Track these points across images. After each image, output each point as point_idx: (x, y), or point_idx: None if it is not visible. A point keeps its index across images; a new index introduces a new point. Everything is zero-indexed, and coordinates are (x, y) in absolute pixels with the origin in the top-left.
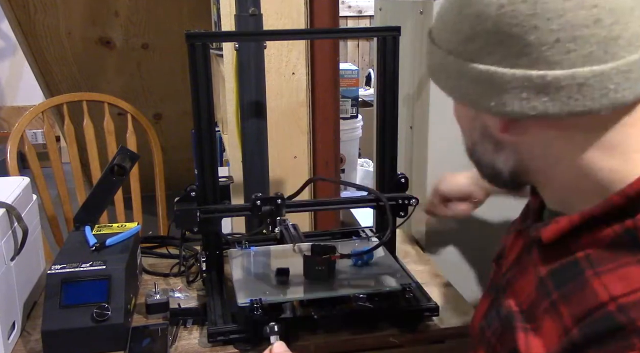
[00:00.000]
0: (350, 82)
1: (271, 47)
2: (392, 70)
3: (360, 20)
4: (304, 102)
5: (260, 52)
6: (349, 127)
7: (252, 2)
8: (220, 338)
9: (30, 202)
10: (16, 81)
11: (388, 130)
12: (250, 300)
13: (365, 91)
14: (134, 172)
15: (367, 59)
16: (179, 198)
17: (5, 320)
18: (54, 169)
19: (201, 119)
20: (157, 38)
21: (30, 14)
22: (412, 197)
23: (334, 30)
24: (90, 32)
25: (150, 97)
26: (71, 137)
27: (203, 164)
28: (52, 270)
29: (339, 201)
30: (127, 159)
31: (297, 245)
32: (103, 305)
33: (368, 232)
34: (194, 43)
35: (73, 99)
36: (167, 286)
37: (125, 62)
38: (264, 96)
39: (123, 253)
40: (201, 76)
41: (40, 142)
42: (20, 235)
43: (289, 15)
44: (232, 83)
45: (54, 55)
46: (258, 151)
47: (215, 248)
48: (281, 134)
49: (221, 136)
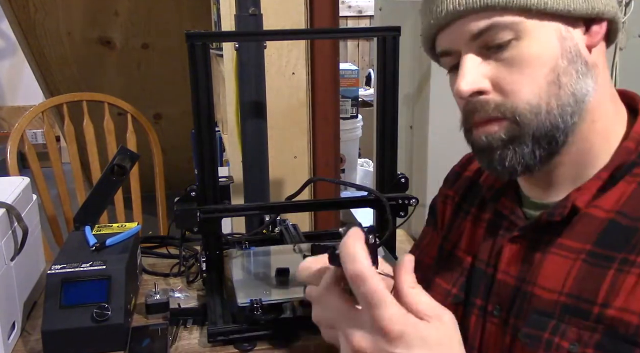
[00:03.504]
0: (350, 82)
1: (271, 47)
2: (392, 70)
3: (360, 20)
4: (304, 102)
5: (260, 52)
6: (349, 127)
7: (252, 2)
8: (220, 338)
9: (30, 202)
10: (16, 81)
11: (388, 130)
12: (250, 300)
13: (365, 91)
14: (134, 172)
15: (367, 59)
16: (179, 199)
17: (5, 320)
18: (54, 169)
19: (201, 119)
20: (157, 38)
21: (30, 14)
22: (412, 197)
23: (334, 30)
24: (90, 32)
25: (150, 97)
26: (71, 137)
27: (203, 164)
28: (52, 270)
29: (339, 201)
30: (127, 159)
31: (297, 245)
32: (103, 305)
33: None
34: (194, 43)
35: (73, 99)
36: (167, 286)
37: (125, 62)
38: (264, 96)
39: (123, 253)
40: (201, 76)
41: (40, 142)
42: (20, 235)
43: (289, 15)
44: (232, 83)
45: (54, 55)
46: (258, 151)
47: (215, 249)
48: (281, 134)
49: (221, 136)
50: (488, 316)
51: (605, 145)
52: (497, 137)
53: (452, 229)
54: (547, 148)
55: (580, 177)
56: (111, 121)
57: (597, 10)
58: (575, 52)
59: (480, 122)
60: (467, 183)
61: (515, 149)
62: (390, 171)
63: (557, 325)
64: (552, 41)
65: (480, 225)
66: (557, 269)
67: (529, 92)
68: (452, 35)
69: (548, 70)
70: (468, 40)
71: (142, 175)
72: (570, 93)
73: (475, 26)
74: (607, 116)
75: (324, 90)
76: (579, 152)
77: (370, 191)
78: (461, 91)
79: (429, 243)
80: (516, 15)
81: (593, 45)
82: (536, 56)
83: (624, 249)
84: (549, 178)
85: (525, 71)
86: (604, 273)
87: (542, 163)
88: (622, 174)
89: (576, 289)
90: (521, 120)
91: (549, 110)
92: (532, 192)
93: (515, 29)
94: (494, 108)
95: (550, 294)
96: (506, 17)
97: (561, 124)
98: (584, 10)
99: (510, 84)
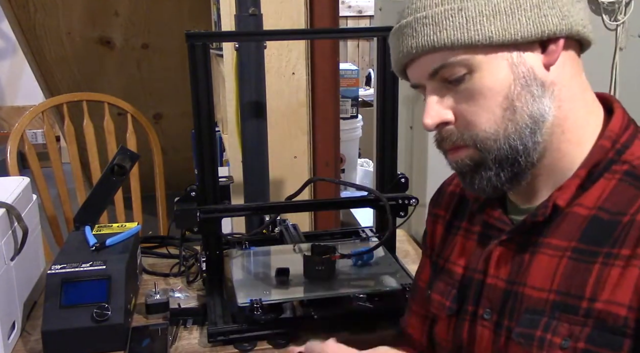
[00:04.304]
0: (350, 82)
1: (271, 47)
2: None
3: (360, 20)
4: (304, 102)
5: (260, 52)
6: (349, 127)
7: (252, 2)
8: (220, 338)
9: (30, 202)
10: (16, 81)
11: (388, 130)
12: (250, 300)
13: (365, 91)
14: (134, 172)
15: (367, 59)
16: (179, 199)
17: (5, 320)
18: (54, 169)
19: (201, 119)
20: (157, 38)
21: (30, 14)
22: (412, 197)
23: (334, 30)
24: (90, 32)
25: (150, 97)
26: (71, 137)
27: (203, 164)
28: (52, 270)
29: (339, 201)
30: (127, 159)
31: (297, 245)
32: (103, 305)
33: (368, 232)
34: (194, 43)
35: (73, 99)
36: (167, 286)
37: (125, 62)
38: (264, 96)
39: (123, 253)
40: (201, 76)
41: (40, 142)
42: (20, 235)
43: (289, 15)
44: (232, 83)
45: (54, 55)
46: (258, 151)
47: (215, 249)
48: (281, 134)
49: (221, 136)
50: (479, 320)
51: (578, 150)
52: (464, 163)
53: (445, 246)
54: (510, 170)
55: (560, 181)
56: (111, 121)
57: (547, 32)
58: (529, 76)
59: (449, 149)
60: (456, 199)
61: (481, 173)
62: (390, 171)
63: (548, 322)
64: (503, 71)
65: (471, 238)
66: (545, 268)
67: (485, 121)
68: (414, 73)
69: (502, 99)
70: (428, 77)
71: (142, 175)
72: (527, 115)
73: (430, 66)
74: (578, 124)
75: (324, 90)
76: (554, 162)
77: (370, 191)
78: (426, 125)
79: (423, 269)
80: (465, 52)
81: (551, 63)
82: (489, 87)
83: (607, 243)
84: (531, 187)
85: (480, 102)
86: (589, 269)
87: (510, 183)
88: (602, 172)
89: (564, 286)
90: (482, 147)
91: (507, 135)
92: (517, 199)
93: (467, 64)
94: (457, 137)
95: (540, 293)
96: (456, 55)
97: (520, 146)
98: (532, 36)
99: (469, 115)
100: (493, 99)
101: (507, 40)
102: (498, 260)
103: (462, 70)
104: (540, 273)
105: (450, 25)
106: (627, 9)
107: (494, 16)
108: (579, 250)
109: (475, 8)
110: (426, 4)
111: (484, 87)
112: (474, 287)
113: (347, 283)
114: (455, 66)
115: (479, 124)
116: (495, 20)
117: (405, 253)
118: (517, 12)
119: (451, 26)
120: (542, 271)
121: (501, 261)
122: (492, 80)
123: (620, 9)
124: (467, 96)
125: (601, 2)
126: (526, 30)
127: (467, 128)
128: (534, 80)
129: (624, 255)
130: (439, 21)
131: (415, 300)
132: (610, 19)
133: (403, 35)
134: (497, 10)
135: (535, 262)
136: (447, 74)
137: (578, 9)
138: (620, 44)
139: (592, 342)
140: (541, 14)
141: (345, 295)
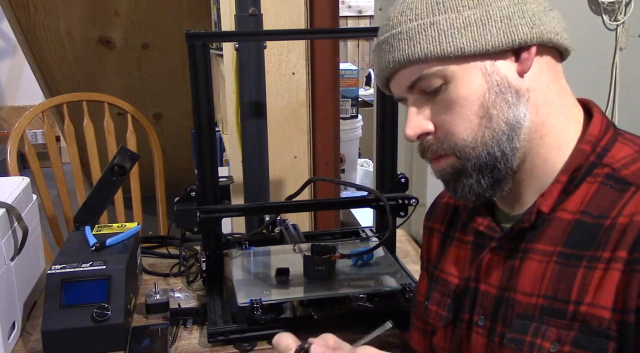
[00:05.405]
0: (350, 82)
1: (271, 47)
2: None
3: (360, 20)
4: (304, 102)
5: (260, 52)
6: (349, 127)
7: (252, 2)
8: (220, 338)
9: (30, 202)
10: (16, 81)
11: (388, 130)
12: (250, 300)
13: (365, 91)
14: (134, 172)
15: (367, 59)
16: (179, 199)
17: (5, 320)
18: (54, 169)
19: (201, 119)
20: (157, 38)
21: (30, 14)
22: (412, 197)
23: (334, 30)
24: (90, 32)
25: (150, 97)
26: (71, 137)
27: (203, 164)
28: (52, 270)
29: (339, 201)
30: (127, 158)
31: (297, 245)
32: (103, 305)
33: (368, 232)
34: (194, 43)
35: (73, 99)
36: (167, 286)
37: (125, 62)
38: (264, 96)
39: (123, 253)
40: (201, 76)
41: (40, 142)
42: (20, 235)
43: (289, 15)
44: (232, 83)
45: (54, 55)
46: (258, 151)
47: (215, 249)
48: (281, 134)
49: (221, 136)
50: (473, 327)
51: (559, 155)
52: (446, 172)
53: (441, 258)
54: (490, 176)
55: (544, 186)
56: (111, 121)
57: (519, 41)
58: (502, 83)
59: (431, 159)
60: (450, 211)
61: (463, 181)
62: (390, 171)
63: (537, 327)
64: (477, 80)
65: (464, 247)
66: (533, 273)
67: (463, 130)
68: (395, 87)
69: (477, 107)
70: (407, 90)
71: (142, 175)
72: (503, 122)
73: (408, 79)
74: (557, 129)
75: (324, 90)
76: (535, 167)
77: (370, 191)
78: (407, 136)
79: (421, 282)
80: (439, 64)
81: (524, 71)
82: (464, 97)
83: (590, 247)
84: (516, 193)
85: (457, 111)
86: (575, 272)
87: (493, 189)
88: (584, 176)
89: (552, 290)
90: (461, 155)
91: (484, 142)
92: (505, 207)
93: (442, 75)
94: (438, 147)
95: (530, 298)
96: (430, 67)
97: (498, 152)
98: (503, 45)
99: (447, 124)
100: (469, 107)
101: (478, 51)
102: (489, 267)
103: (439, 82)
104: (529, 278)
105: (423, 39)
106: (627, 9)
107: (464, 28)
108: (565, 255)
109: (446, 22)
110: (401, 20)
111: (459, 96)
112: (468, 295)
113: (347, 284)
114: (431, 78)
115: (457, 132)
116: (467, 32)
117: (405, 253)
118: (488, 23)
119: (424, 40)
120: (531, 276)
121: (492, 268)
122: (467, 90)
123: (620, 9)
124: (445, 106)
125: (601, 2)
126: (497, 40)
127: (446, 137)
128: (508, 88)
129: (605, 257)
130: (412, 36)
131: (416, 315)
132: (610, 19)
133: (382, 51)
134: (468, 23)
135: (524, 268)
136: (424, 85)
137: (550, 17)
138: (620, 44)
139: (577, 345)
140: (511, 24)
141: (345, 295)
